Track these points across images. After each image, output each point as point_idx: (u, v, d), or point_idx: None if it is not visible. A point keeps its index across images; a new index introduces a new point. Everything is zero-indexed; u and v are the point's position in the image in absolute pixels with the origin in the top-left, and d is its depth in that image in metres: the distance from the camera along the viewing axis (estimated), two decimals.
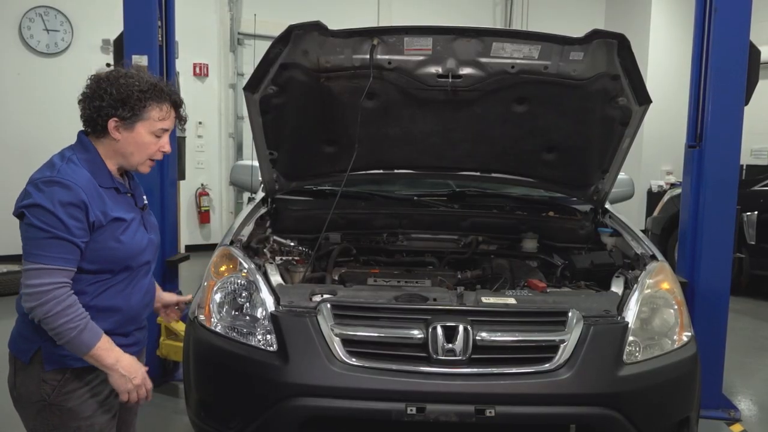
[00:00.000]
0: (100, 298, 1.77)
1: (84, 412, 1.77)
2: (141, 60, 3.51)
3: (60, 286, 1.65)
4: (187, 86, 7.08)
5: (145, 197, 2.00)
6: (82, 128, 1.82)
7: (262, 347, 2.32)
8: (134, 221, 1.84)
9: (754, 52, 3.39)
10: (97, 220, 1.71)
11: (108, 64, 6.30)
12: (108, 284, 1.78)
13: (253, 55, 7.09)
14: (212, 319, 2.45)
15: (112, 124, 1.75)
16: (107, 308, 1.79)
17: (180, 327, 3.62)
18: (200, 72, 7.98)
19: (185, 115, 1.92)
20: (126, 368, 1.74)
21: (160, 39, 3.62)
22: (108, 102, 1.73)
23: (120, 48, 3.58)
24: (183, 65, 6.19)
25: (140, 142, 1.79)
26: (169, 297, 2.19)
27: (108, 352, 1.71)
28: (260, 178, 3.45)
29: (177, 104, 1.86)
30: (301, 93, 2.84)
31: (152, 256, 1.94)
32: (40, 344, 1.74)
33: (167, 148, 1.86)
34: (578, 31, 2.58)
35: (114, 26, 3.82)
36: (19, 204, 1.69)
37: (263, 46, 2.70)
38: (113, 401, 1.86)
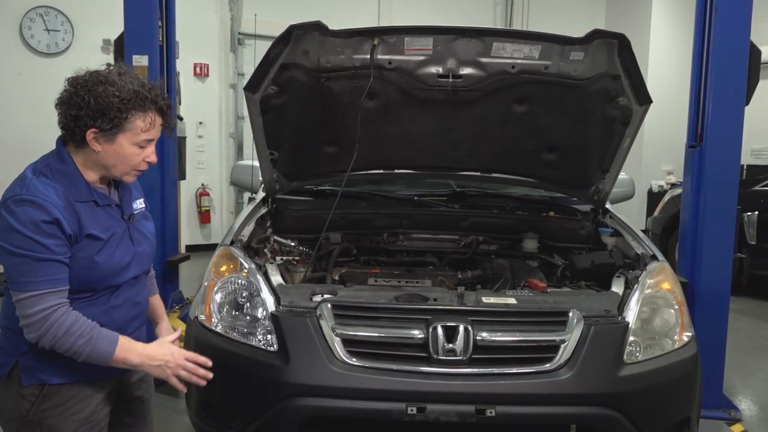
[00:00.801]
0: (81, 312, 1.66)
1: (64, 430, 1.69)
2: (141, 60, 3.51)
3: (56, 307, 1.57)
4: (187, 86, 7.09)
5: (140, 202, 1.88)
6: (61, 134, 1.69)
7: (263, 347, 2.32)
8: (114, 237, 1.71)
9: (755, 52, 3.39)
10: (73, 234, 1.61)
11: (108, 65, 6.30)
12: (89, 300, 1.69)
13: (253, 55, 7.09)
14: (213, 319, 2.45)
15: (90, 135, 1.61)
16: None
17: (180, 327, 3.62)
18: (201, 72, 7.98)
19: (174, 121, 1.79)
20: (154, 358, 1.66)
21: (160, 39, 3.63)
22: (85, 112, 1.59)
23: (120, 48, 3.58)
24: (183, 65, 6.20)
25: (122, 154, 1.66)
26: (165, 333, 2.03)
27: (130, 353, 1.64)
28: (261, 178, 3.45)
29: (163, 111, 1.71)
30: (302, 93, 2.84)
31: (141, 269, 1.83)
32: (18, 358, 1.66)
33: (152, 159, 1.73)
34: (579, 31, 2.58)
35: (114, 26, 3.82)
36: None
37: (264, 46, 2.71)
38: (98, 417, 1.77)
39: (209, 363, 1.76)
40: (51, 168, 1.65)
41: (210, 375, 1.75)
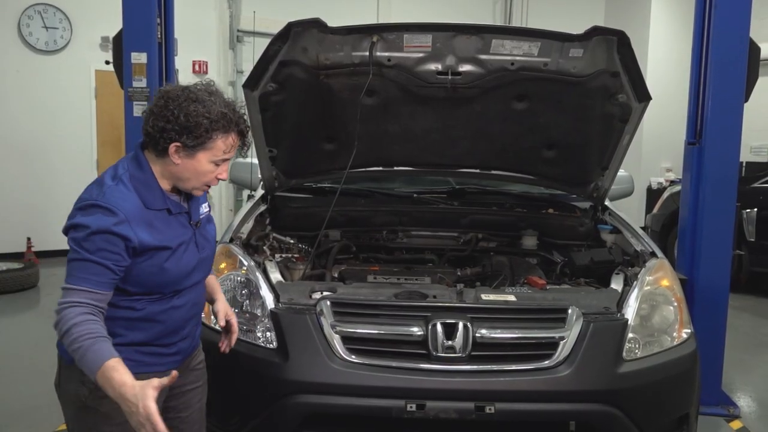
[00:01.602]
0: (144, 311, 1.76)
1: (117, 418, 1.69)
2: (140, 57, 3.50)
3: (73, 305, 1.59)
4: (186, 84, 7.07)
5: (205, 206, 1.94)
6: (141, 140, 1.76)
7: (262, 345, 2.32)
8: (182, 245, 1.79)
9: (754, 49, 3.39)
10: (140, 245, 1.67)
11: (107, 62, 6.29)
12: (153, 300, 1.77)
13: (252, 53, 7.07)
14: (212, 317, 2.45)
15: (173, 148, 1.69)
16: (148, 319, 1.77)
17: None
18: (200, 69, 7.98)
19: (250, 141, 1.87)
20: (125, 401, 1.52)
21: (159, 36, 3.61)
22: (173, 126, 1.67)
23: (119, 45, 3.57)
24: (182, 63, 6.17)
25: (199, 170, 1.74)
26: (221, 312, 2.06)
27: (108, 384, 1.54)
28: (260, 176, 3.45)
29: (243, 133, 1.80)
30: (301, 90, 2.84)
31: (203, 274, 1.90)
32: None
33: (224, 176, 1.81)
34: (578, 28, 2.58)
35: (113, 23, 3.81)
36: (66, 224, 1.67)
37: (263, 44, 2.70)
38: None
39: None
40: (130, 173, 1.72)
41: None
